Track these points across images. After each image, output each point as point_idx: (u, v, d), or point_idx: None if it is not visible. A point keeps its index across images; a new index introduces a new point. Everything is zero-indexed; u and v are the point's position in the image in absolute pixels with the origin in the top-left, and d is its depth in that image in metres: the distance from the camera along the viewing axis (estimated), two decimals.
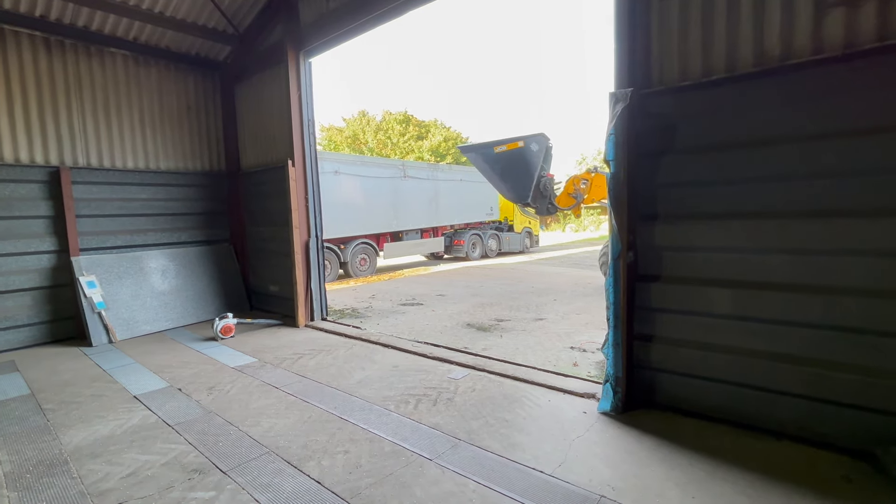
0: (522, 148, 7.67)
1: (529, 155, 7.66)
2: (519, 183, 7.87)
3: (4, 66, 5.82)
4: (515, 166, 7.79)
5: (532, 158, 7.68)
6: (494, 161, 8.01)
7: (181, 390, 4.38)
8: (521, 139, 7.69)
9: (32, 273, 6.10)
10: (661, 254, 3.47)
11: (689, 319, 3.37)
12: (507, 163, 7.88)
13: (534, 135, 7.65)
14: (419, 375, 4.52)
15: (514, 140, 7.72)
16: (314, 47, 6.38)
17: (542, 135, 7.67)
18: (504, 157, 7.89)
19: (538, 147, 7.60)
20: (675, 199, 3.36)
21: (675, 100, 3.28)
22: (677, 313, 3.43)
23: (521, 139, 7.69)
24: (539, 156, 7.67)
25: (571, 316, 7.01)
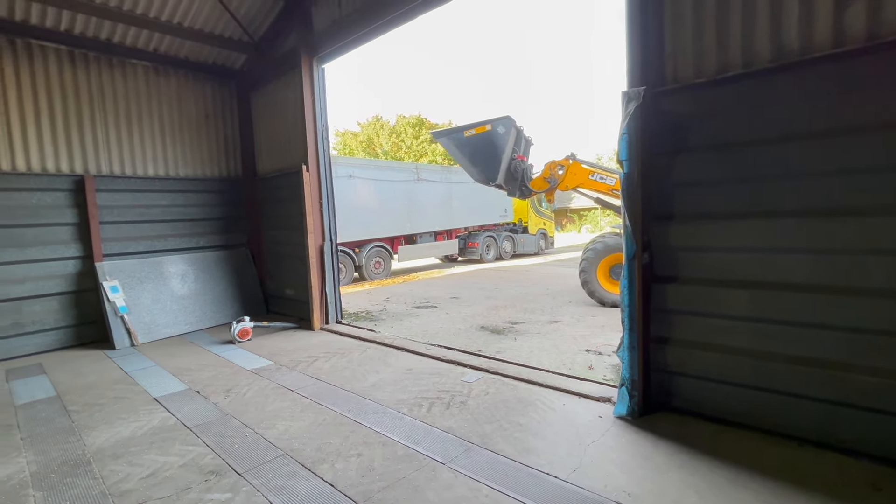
0: (490, 131, 7.92)
1: (496, 138, 7.89)
2: (487, 165, 8.12)
3: (32, 79, 6.05)
4: (484, 149, 8.03)
5: (499, 141, 7.90)
6: (464, 145, 8.26)
7: (199, 393, 4.46)
8: (489, 122, 7.91)
9: (59, 278, 6.30)
10: (677, 254, 3.40)
11: (706, 321, 3.29)
12: (475, 146, 8.12)
13: (500, 118, 7.89)
14: (433, 378, 4.52)
15: (482, 124, 7.95)
16: (327, 53, 6.46)
17: (508, 117, 7.86)
18: (473, 141, 8.12)
19: (504, 130, 7.81)
20: (691, 199, 3.29)
21: (689, 97, 3.22)
22: (694, 315, 3.35)
23: (489, 122, 7.91)
24: (506, 138, 7.87)
25: (587, 318, 6.92)
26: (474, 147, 8.15)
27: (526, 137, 8.67)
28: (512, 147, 8.11)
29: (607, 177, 8.08)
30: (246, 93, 7.99)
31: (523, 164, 8.31)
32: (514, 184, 8.36)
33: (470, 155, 8.29)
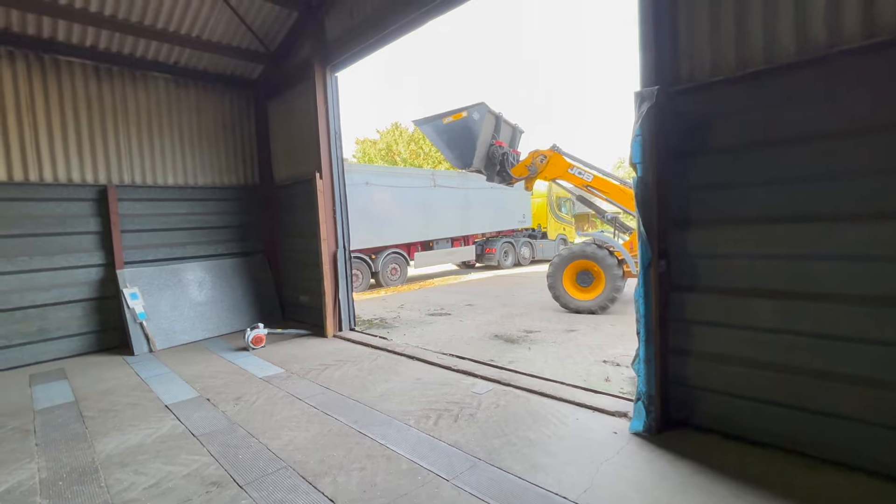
0: (466, 118, 8.16)
1: (472, 124, 8.12)
2: (464, 151, 8.33)
3: (59, 94, 6.28)
4: (461, 135, 8.26)
5: (474, 127, 8.12)
6: (443, 131, 8.49)
7: (209, 400, 4.47)
8: (464, 109, 8.17)
9: (83, 285, 6.48)
10: (696, 262, 3.21)
11: (729, 333, 3.09)
12: (453, 133, 8.38)
13: (475, 104, 8.12)
14: (442, 389, 4.41)
15: (459, 111, 8.22)
16: (340, 62, 6.50)
17: (483, 104, 8.06)
18: (451, 128, 8.36)
19: (479, 116, 8.04)
20: (710, 203, 3.11)
21: (707, 96, 3.05)
22: (716, 326, 3.15)
23: (464, 109, 8.17)
24: (480, 124, 8.06)
25: (604, 327, 6.70)
26: (452, 133, 8.39)
27: (512, 125, 8.98)
28: (491, 133, 8.35)
29: (585, 172, 8.10)
30: (263, 102, 8.12)
31: (502, 150, 8.44)
32: (492, 169, 8.53)
33: (447, 141, 8.53)
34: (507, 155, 8.50)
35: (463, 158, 8.42)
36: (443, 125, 8.46)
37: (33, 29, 5.94)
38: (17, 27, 5.84)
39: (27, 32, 5.93)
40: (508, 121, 8.86)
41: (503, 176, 8.58)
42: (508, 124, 8.89)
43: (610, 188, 8.03)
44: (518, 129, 9.23)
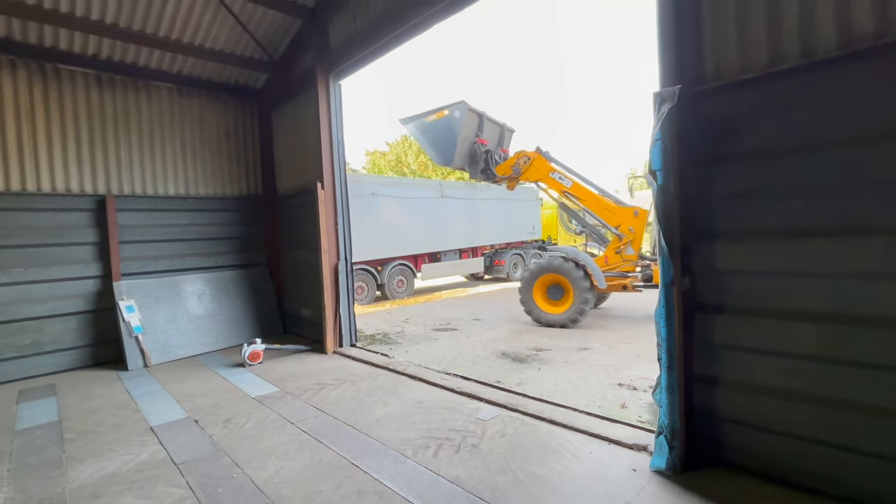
0: (447, 116, 8.34)
1: (453, 122, 8.28)
2: (445, 149, 8.46)
3: (60, 103, 6.20)
4: (443, 134, 8.42)
5: (454, 125, 8.26)
6: (426, 130, 8.67)
7: (197, 422, 4.21)
8: (446, 108, 8.38)
9: (79, 298, 6.32)
10: (725, 279, 2.88)
11: (765, 360, 2.74)
12: (436, 131, 8.53)
13: (455, 103, 8.30)
14: (444, 414, 4.09)
15: (441, 109, 8.43)
16: (343, 69, 6.34)
17: (463, 102, 8.20)
18: (433, 126, 8.52)
19: (460, 114, 8.19)
20: (740, 214, 2.79)
21: (735, 96, 2.75)
22: (749, 352, 2.80)
23: (446, 108, 8.38)
24: (461, 122, 8.20)
25: (620, 345, 6.32)
26: (435, 132, 8.55)
27: (500, 124, 9.16)
28: (474, 131, 8.51)
29: (565, 178, 8.19)
30: (267, 111, 8.00)
31: (484, 147, 8.53)
32: (475, 167, 8.61)
33: (431, 139, 8.67)
34: (491, 153, 8.58)
35: (445, 156, 8.55)
36: (426, 124, 8.62)
37: (35, 38, 5.88)
38: (19, 36, 5.78)
39: (29, 41, 5.87)
40: (495, 119, 8.97)
41: (487, 174, 8.63)
42: (495, 123, 9.00)
43: (587, 196, 8.10)
44: (507, 128, 9.35)
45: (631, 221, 7.88)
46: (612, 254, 8.04)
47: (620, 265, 7.98)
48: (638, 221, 7.83)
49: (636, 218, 7.83)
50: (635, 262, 7.88)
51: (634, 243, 7.85)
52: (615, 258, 8.00)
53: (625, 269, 8.01)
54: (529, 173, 8.33)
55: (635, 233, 7.81)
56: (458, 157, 8.39)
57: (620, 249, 7.95)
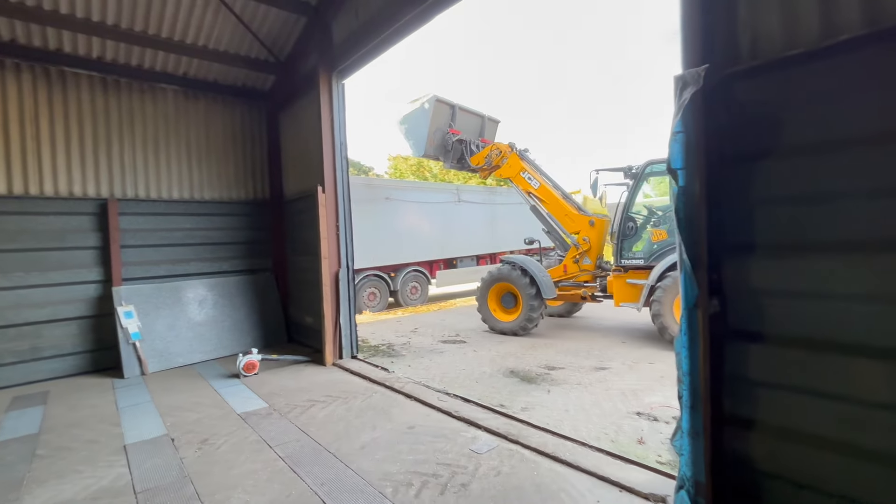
0: (419, 108, 8.63)
1: (423, 114, 8.56)
2: (418, 140, 8.68)
3: (65, 106, 6.15)
4: (417, 125, 8.70)
5: (424, 117, 8.52)
6: (403, 122, 8.96)
7: (174, 441, 3.94)
8: (419, 100, 8.67)
9: (79, 303, 6.24)
10: (765, 301, 2.35)
11: (817, 403, 2.19)
12: (411, 123, 8.83)
13: (426, 96, 8.58)
14: (436, 443, 3.66)
15: (416, 101, 8.76)
16: (346, 66, 6.05)
17: (433, 95, 8.48)
18: (408, 119, 8.82)
19: (429, 106, 8.47)
20: (783, 222, 2.26)
21: (778, 78, 2.24)
22: (797, 392, 2.26)
23: (419, 100, 8.67)
24: (429, 114, 8.42)
25: (641, 365, 5.73)
26: (410, 124, 8.86)
27: (481, 115, 9.46)
28: (446, 122, 8.73)
29: (534, 179, 8.20)
30: (275, 114, 7.83)
31: (455, 137, 8.71)
32: (447, 156, 8.80)
33: (406, 131, 8.93)
34: (467, 143, 8.75)
35: (416, 147, 8.80)
36: (403, 117, 8.98)
37: (39, 41, 5.85)
38: (23, 39, 5.76)
39: (33, 44, 5.85)
40: (472, 111, 9.26)
41: (463, 163, 8.81)
42: (474, 114, 9.31)
43: (550, 200, 8.10)
44: (489, 119, 9.64)
45: (587, 231, 7.79)
46: (571, 263, 7.98)
47: (578, 275, 7.90)
48: (594, 231, 7.74)
49: (592, 228, 7.74)
50: (592, 272, 7.78)
51: (591, 253, 7.78)
52: (573, 267, 7.93)
53: (582, 279, 7.91)
54: (503, 170, 8.41)
55: (590, 243, 7.74)
56: (430, 147, 8.65)
57: (577, 259, 7.88)
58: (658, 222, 7.07)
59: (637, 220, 7.13)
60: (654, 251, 6.85)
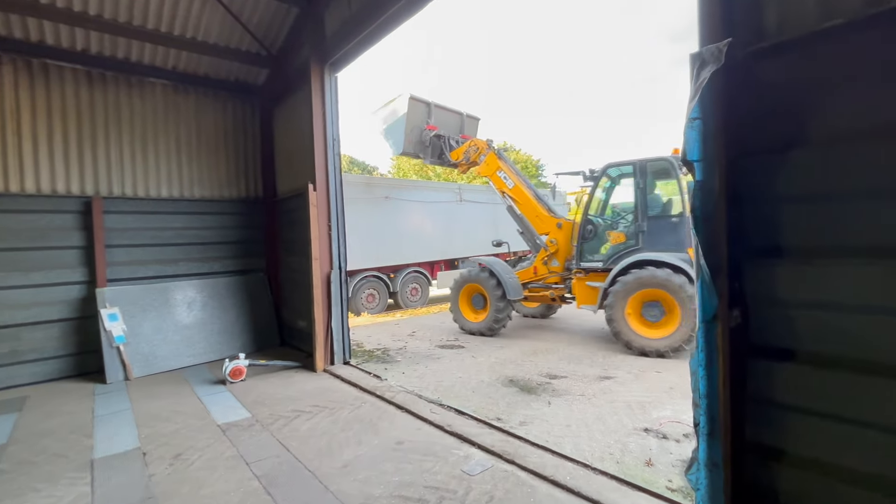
0: (394, 108, 8.82)
1: (399, 112, 8.73)
2: (396, 138, 8.83)
3: (47, 100, 5.93)
4: (394, 124, 8.87)
5: (400, 115, 8.68)
6: (382, 122, 9.13)
7: (145, 455, 3.68)
8: (392, 101, 8.88)
9: (62, 304, 6.01)
10: (793, 313, 2.03)
11: (861, 435, 1.87)
12: (388, 122, 9.00)
13: (400, 95, 8.75)
14: (424, 462, 3.37)
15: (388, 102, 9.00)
16: (339, 58, 5.78)
17: (407, 93, 8.66)
18: (387, 118, 9.00)
19: (404, 104, 8.64)
20: (817, 222, 1.94)
21: (811, 55, 1.92)
22: (834, 420, 1.94)
23: (392, 101, 8.88)
24: (405, 111, 8.57)
25: (649, 374, 5.40)
26: (387, 123, 9.03)
27: (460, 113, 9.60)
28: (422, 119, 8.85)
29: (509, 178, 8.23)
30: (268, 109, 7.58)
31: (433, 133, 8.81)
32: (426, 152, 8.90)
33: (384, 131, 9.09)
34: (445, 138, 8.88)
35: (396, 145, 8.91)
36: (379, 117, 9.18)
37: (20, 32, 5.63)
38: (3, 30, 5.54)
39: (14, 35, 5.63)
40: (450, 108, 9.41)
41: (443, 159, 8.91)
42: (452, 112, 9.45)
43: (523, 201, 8.12)
44: (468, 116, 9.79)
45: (555, 233, 7.78)
46: (541, 264, 8.02)
47: (547, 276, 7.94)
48: (561, 234, 7.69)
49: (559, 230, 7.72)
50: (561, 273, 7.75)
51: (559, 255, 7.75)
52: (543, 269, 7.98)
53: (551, 281, 7.93)
54: (481, 168, 8.50)
55: (558, 245, 7.72)
56: (408, 144, 8.77)
57: (546, 260, 7.90)
58: (615, 225, 7.12)
59: (596, 223, 7.19)
60: (613, 254, 6.84)
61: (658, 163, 6.58)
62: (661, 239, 6.43)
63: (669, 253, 6.19)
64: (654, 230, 6.52)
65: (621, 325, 6.28)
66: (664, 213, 6.64)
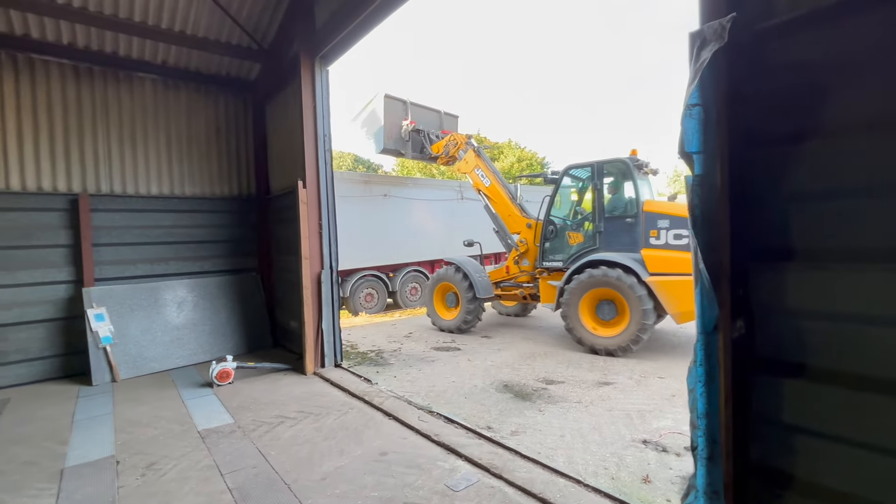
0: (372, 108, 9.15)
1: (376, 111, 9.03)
2: (377, 136, 9.09)
3: (33, 95, 5.80)
4: (373, 124, 9.18)
5: (378, 114, 8.99)
6: (362, 124, 9.44)
7: (118, 464, 3.52)
8: (369, 102, 9.24)
9: (48, 304, 5.89)
10: (806, 323, 1.81)
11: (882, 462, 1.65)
12: (367, 123, 9.33)
13: (376, 95, 9.07)
14: (407, 476, 3.17)
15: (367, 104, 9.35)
16: (329, 50, 5.58)
17: (382, 93, 8.92)
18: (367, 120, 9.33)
19: (380, 102, 8.93)
20: (832, 221, 1.71)
21: (833, 30, 1.69)
22: (847, 444, 1.72)
23: (369, 102, 9.24)
24: (382, 110, 8.85)
25: (651, 380, 5.17)
26: (367, 124, 9.34)
27: (436, 110, 9.89)
28: (399, 116, 9.07)
29: (486, 176, 8.35)
30: (261, 105, 7.41)
31: (412, 127, 8.99)
32: (406, 147, 9.11)
33: (365, 132, 9.38)
34: (425, 133, 9.10)
35: (377, 143, 9.11)
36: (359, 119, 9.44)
37: (4, 26, 5.49)
38: None
39: None
40: (427, 106, 9.68)
41: (424, 153, 9.13)
42: (429, 109, 9.72)
43: (497, 199, 8.26)
44: (446, 114, 10.06)
45: (525, 233, 7.90)
46: (512, 264, 8.18)
47: (519, 276, 8.09)
48: (531, 234, 7.79)
49: (528, 230, 7.83)
50: (530, 272, 7.84)
51: (529, 255, 7.86)
52: (515, 268, 8.14)
53: (521, 280, 8.06)
54: (460, 165, 8.60)
55: (527, 244, 7.83)
56: (388, 141, 8.94)
57: (517, 260, 8.04)
58: (576, 226, 7.23)
59: (557, 224, 7.36)
60: (573, 254, 7.00)
61: (614, 164, 6.73)
62: (617, 239, 6.56)
63: (624, 253, 6.32)
64: (610, 230, 6.67)
65: (575, 322, 6.47)
66: (622, 213, 6.64)
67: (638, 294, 5.86)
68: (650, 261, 6.03)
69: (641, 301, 5.87)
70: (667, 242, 5.99)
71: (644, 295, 5.88)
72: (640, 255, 6.14)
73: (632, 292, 5.93)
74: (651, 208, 6.22)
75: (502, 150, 32.01)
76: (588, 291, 6.36)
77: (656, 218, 6.12)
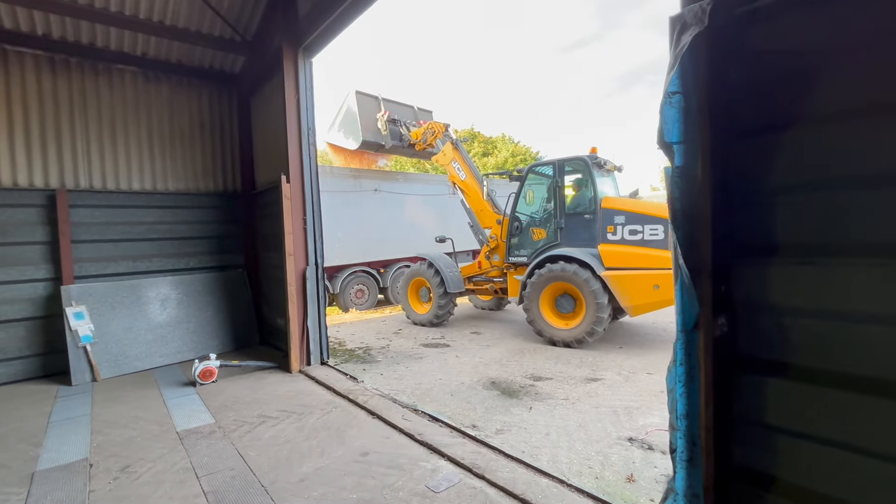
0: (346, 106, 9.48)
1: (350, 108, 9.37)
2: (354, 132, 9.40)
3: (6, 87, 5.62)
4: (349, 122, 9.52)
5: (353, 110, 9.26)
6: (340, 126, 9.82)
7: (91, 467, 3.42)
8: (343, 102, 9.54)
9: (26, 302, 5.74)
10: (788, 321, 1.74)
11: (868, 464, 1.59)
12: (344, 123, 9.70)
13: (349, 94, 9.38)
14: (387, 477, 3.10)
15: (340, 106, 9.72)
16: (312, 41, 5.45)
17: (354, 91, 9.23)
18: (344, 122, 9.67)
19: (353, 100, 9.26)
20: (819, 215, 1.64)
21: (811, 16, 1.61)
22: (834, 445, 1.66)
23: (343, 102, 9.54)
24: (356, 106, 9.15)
25: (639, 376, 5.12)
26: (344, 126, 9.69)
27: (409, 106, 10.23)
28: (373, 111, 9.33)
29: (462, 170, 8.41)
30: (247, 98, 7.25)
31: (388, 118, 9.20)
32: (384, 138, 9.29)
33: (344, 133, 9.76)
34: (401, 122, 9.36)
35: (355, 139, 9.42)
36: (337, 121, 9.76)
37: None
38: None
39: None
40: (399, 101, 9.99)
41: (403, 141, 9.34)
42: (403, 105, 10.07)
43: (472, 194, 8.33)
44: (420, 109, 10.40)
45: (495, 229, 8.00)
46: (484, 259, 8.30)
47: (490, 270, 8.22)
48: (501, 229, 7.86)
49: (499, 226, 7.91)
50: (500, 267, 7.94)
51: (499, 250, 7.94)
52: (486, 263, 8.26)
53: (492, 275, 8.21)
54: (438, 157, 8.66)
55: (497, 240, 7.92)
56: (366, 133, 9.19)
57: (489, 255, 8.16)
58: (540, 222, 7.30)
59: (522, 220, 7.47)
60: (537, 249, 7.11)
61: (574, 162, 6.87)
62: (577, 235, 6.71)
63: (582, 248, 6.48)
64: (571, 227, 6.81)
65: (535, 315, 6.68)
66: (584, 210, 6.73)
67: (592, 288, 6.03)
68: (607, 255, 6.17)
69: (596, 295, 6.03)
70: (623, 238, 6.13)
71: (598, 289, 6.03)
72: (597, 251, 6.31)
73: (587, 286, 6.09)
74: (608, 205, 6.38)
75: (496, 144, 31.82)
76: (548, 285, 6.56)
77: (613, 214, 6.27)
